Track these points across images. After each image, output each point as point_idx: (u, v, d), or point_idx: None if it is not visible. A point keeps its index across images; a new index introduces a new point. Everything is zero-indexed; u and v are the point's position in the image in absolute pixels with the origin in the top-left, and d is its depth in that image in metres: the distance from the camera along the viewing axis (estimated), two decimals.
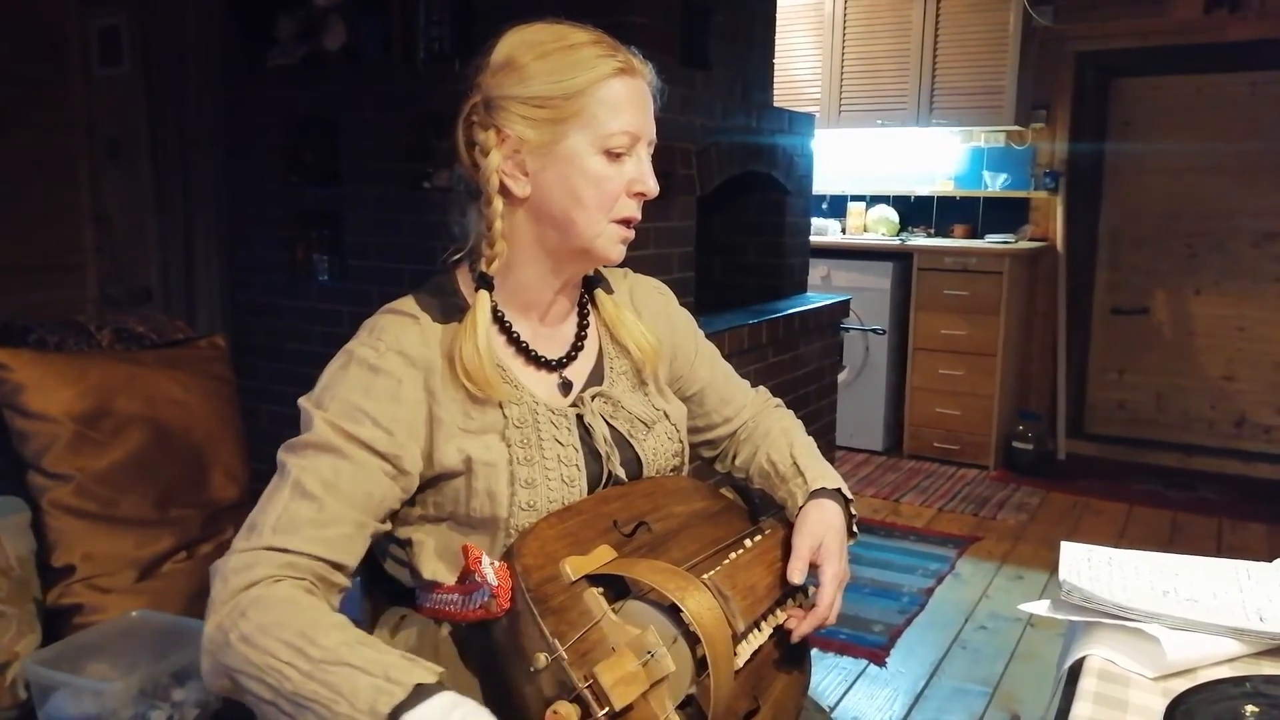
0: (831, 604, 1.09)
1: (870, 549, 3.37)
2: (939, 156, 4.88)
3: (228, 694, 0.87)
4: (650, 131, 1.06)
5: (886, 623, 2.82)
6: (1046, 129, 4.63)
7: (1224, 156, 4.37)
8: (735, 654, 0.98)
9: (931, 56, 4.51)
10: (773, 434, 1.28)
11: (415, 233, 2.70)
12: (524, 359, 1.09)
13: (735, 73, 3.06)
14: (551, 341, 1.13)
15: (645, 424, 1.15)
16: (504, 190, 1.04)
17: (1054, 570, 1.13)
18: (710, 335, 1.35)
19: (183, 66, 2.91)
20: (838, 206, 5.11)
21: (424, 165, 2.63)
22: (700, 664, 0.93)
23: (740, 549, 1.10)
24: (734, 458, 1.32)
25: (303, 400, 1.00)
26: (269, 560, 0.90)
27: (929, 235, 4.86)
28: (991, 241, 4.51)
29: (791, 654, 1.12)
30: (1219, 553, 3.41)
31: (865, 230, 4.95)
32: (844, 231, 4.99)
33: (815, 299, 3.46)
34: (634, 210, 1.06)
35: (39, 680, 1.75)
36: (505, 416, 1.04)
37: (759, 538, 1.14)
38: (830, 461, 1.30)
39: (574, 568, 0.94)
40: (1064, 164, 4.61)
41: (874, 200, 5.03)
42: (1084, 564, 1.12)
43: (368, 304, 1.11)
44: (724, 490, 1.27)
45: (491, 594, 0.91)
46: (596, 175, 1.02)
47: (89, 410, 2.00)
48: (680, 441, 1.20)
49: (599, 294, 1.19)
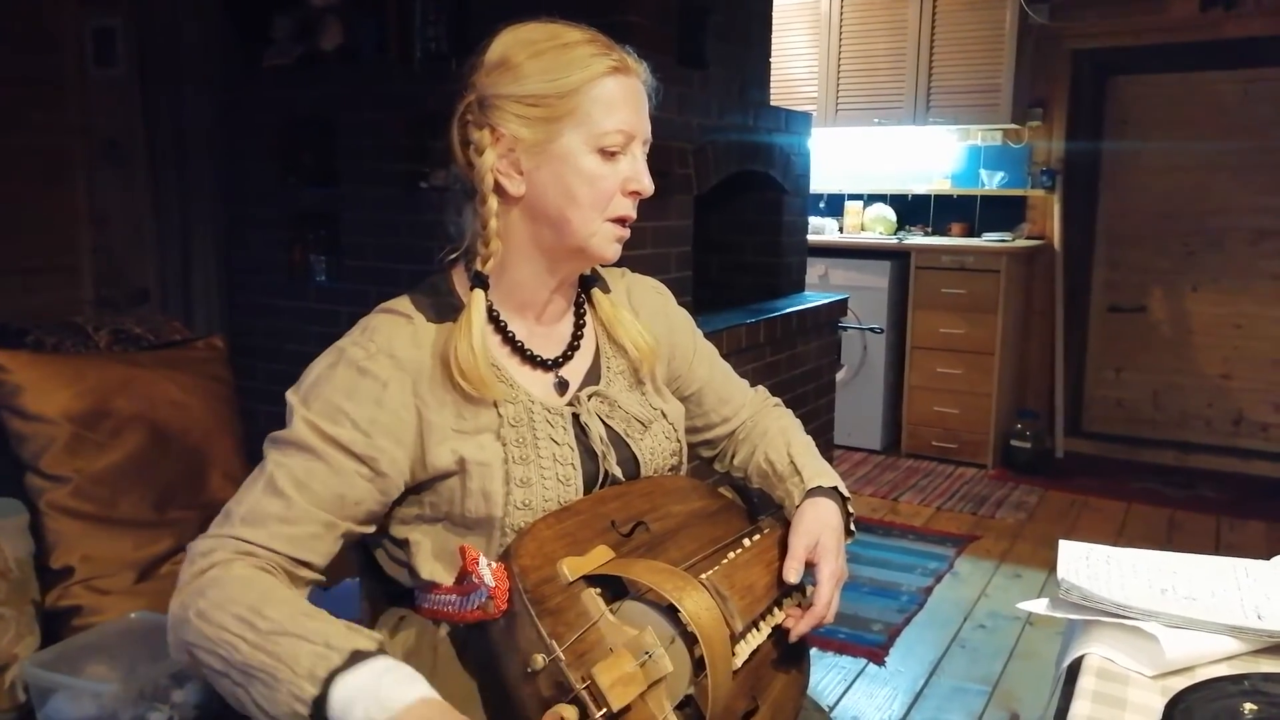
0: (829, 603, 1.09)
1: (869, 548, 3.37)
2: (936, 155, 4.89)
3: (189, 668, 0.91)
4: (645, 130, 1.06)
5: (885, 622, 2.82)
6: (1043, 127, 4.64)
7: (1221, 154, 4.38)
8: (733, 654, 0.98)
9: (928, 55, 4.52)
10: (771, 433, 1.28)
11: (413, 233, 2.69)
12: (519, 358, 1.09)
13: (732, 72, 3.06)
14: (547, 341, 1.12)
15: (642, 423, 1.15)
16: (499, 189, 1.04)
17: (1052, 569, 1.13)
18: (708, 334, 1.35)
19: (179, 67, 2.90)
20: (835, 205, 5.11)
21: (421, 165, 2.63)
22: (698, 664, 0.93)
23: (738, 549, 1.10)
24: (732, 457, 1.32)
25: (290, 393, 1.01)
26: (232, 548, 0.93)
27: (926, 234, 4.86)
28: (989, 240, 4.51)
29: (790, 653, 1.12)
30: (1217, 550, 3.42)
31: (863, 229, 4.95)
32: (841, 230, 4.99)
33: (813, 298, 3.46)
34: (629, 209, 1.06)
35: (38, 682, 1.74)
36: (500, 416, 1.04)
37: (757, 537, 1.14)
38: (828, 460, 1.30)
39: (571, 568, 0.94)
40: (1061, 162, 4.61)
41: (871, 199, 5.03)
42: (1082, 562, 1.12)
43: (365, 304, 1.11)
44: (722, 490, 1.27)
45: (489, 595, 0.90)
46: (591, 174, 1.02)
47: (87, 411, 1.99)
48: (678, 441, 1.20)
49: (596, 293, 1.18)
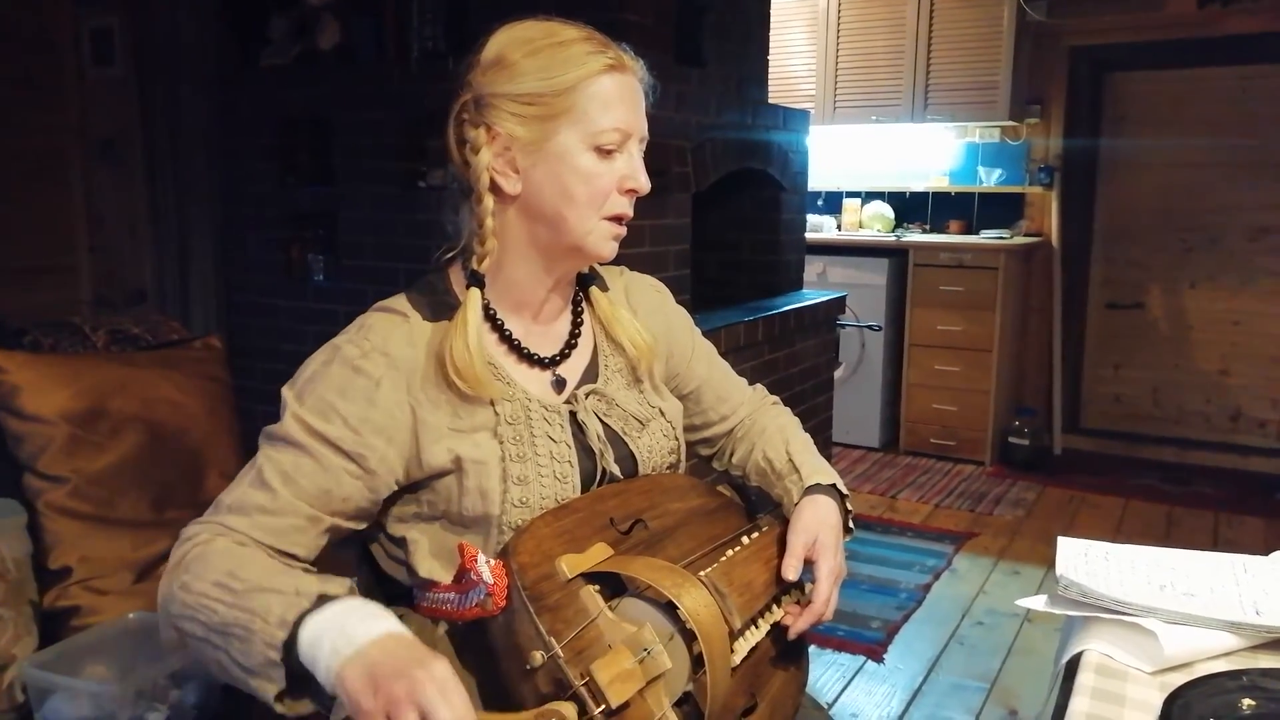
0: (828, 600, 1.09)
1: (867, 545, 3.38)
2: (934, 152, 4.89)
3: (176, 646, 0.93)
4: (641, 128, 1.06)
5: (884, 619, 2.82)
6: (1041, 124, 4.64)
7: (1218, 151, 4.38)
8: (732, 651, 0.98)
9: (926, 53, 4.52)
10: (769, 431, 1.28)
11: (410, 232, 2.69)
12: (516, 356, 1.09)
13: (730, 70, 3.06)
14: (544, 339, 1.12)
15: (640, 422, 1.15)
16: (495, 188, 1.04)
17: (1051, 565, 1.13)
18: (706, 333, 1.35)
19: (176, 67, 2.90)
20: (833, 203, 5.11)
21: (418, 164, 2.62)
22: (697, 661, 0.93)
23: (737, 546, 1.10)
24: (731, 455, 1.32)
25: (285, 388, 1.02)
26: (215, 531, 0.96)
27: (924, 231, 4.86)
28: (987, 237, 4.51)
29: (789, 651, 1.12)
30: (1215, 546, 3.42)
31: (861, 227, 4.95)
32: (839, 228, 4.99)
33: (811, 296, 3.46)
34: (625, 207, 1.06)
35: (36, 683, 1.74)
36: (497, 414, 1.04)
37: (756, 535, 1.14)
38: (827, 458, 1.30)
39: (570, 565, 0.94)
40: (1058, 159, 4.61)
41: (869, 196, 5.03)
42: (1081, 559, 1.12)
43: (363, 303, 1.11)
44: (721, 488, 1.27)
45: (487, 592, 0.90)
46: (587, 172, 1.02)
47: (84, 412, 1.99)
48: (676, 439, 1.20)
49: (594, 291, 1.18)
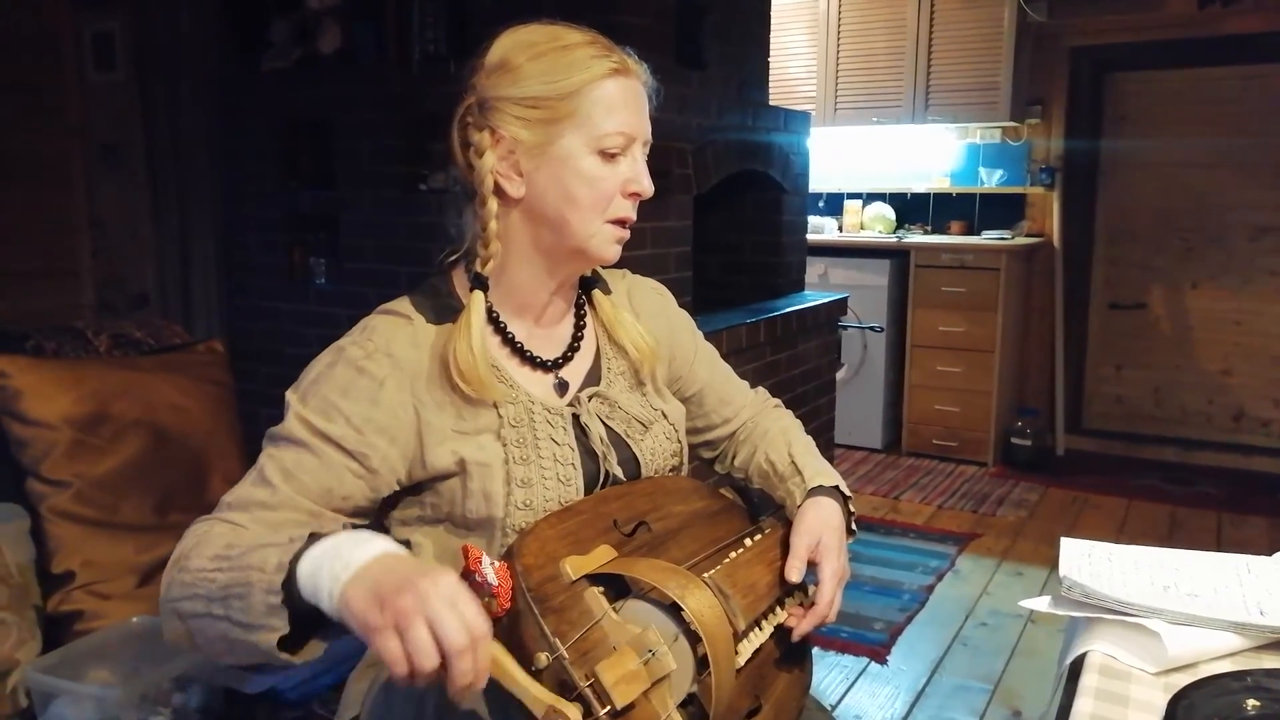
0: (831, 601, 1.09)
1: (870, 547, 3.37)
2: (935, 153, 4.89)
3: (182, 640, 0.91)
4: (645, 132, 1.06)
5: (887, 620, 2.82)
6: (1042, 125, 4.64)
7: (1219, 150, 4.38)
8: (736, 652, 0.98)
9: (926, 54, 4.52)
10: (771, 434, 1.28)
11: (412, 235, 2.69)
12: (519, 359, 1.09)
13: (731, 72, 3.06)
14: (547, 342, 1.12)
15: (643, 424, 1.15)
16: (499, 191, 1.04)
17: (1054, 566, 1.13)
18: (708, 335, 1.35)
19: (177, 71, 2.91)
20: (834, 204, 5.11)
21: (420, 167, 2.63)
22: (701, 663, 0.93)
23: (740, 548, 1.10)
24: (733, 458, 1.32)
25: (289, 392, 1.02)
26: (213, 524, 0.95)
27: (926, 232, 4.86)
28: (988, 238, 4.51)
29: (792, 653, 1.12)
30: (1218, 547, 3.42)
31: (862, 228, 4.95)
32: (841, 229, 4.99)
33: (813, 297, 3.46)
34: (629, 210, 1.06)
35: (40, 687, 1.75)
36: (500, 416, 1.04)
37: (759, 537, 1.14)
38: (829, 460, 1.30)
39: (574, 567, 0.94)
40: (1060, 159, 4.61)
41: (870, 198, 5.03)
42: (1084, 560, 1.12)
43: (365, 307, 1.11)
44: (723, 490, 1.27)
45: (492, 594, 0.90)
46: (591, 175, 1.02)
47: (87, 416, 1.99)
48: (679, 442, 1.20)
49: (596, 294, 1.19)
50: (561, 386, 1.12)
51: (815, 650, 1.86)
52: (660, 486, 1.13)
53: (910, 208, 4.97)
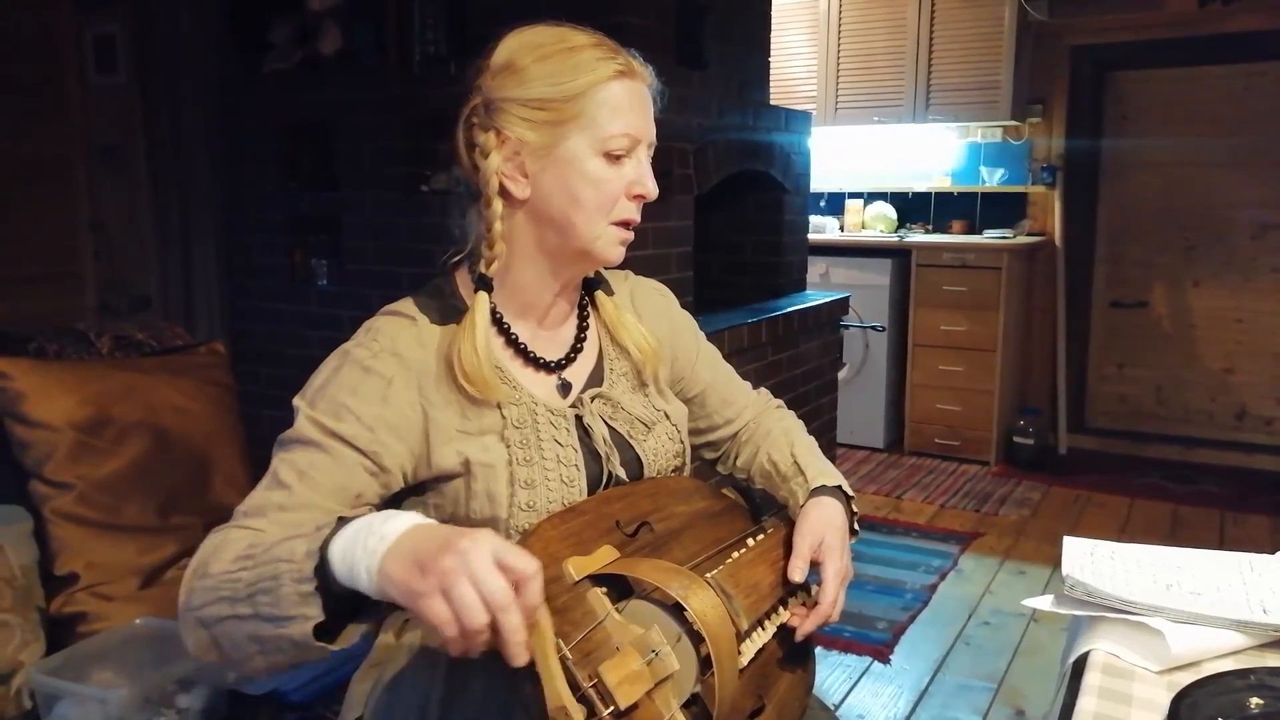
0: (834, 601, 1.09)
1: (872, 546, 3.37)
2: (936, 153, 4.89)
3: (206, 650, 0.88)
4: (650, 134, 1.06)
5: (890, 620, 2.82)
6: (1043, 124, 4.64)
7: (1221, 149, 4.38)
8: (739, 652, 0.98)
9: (927, 53, 4.52)
10: (773, 434, 1.28)
11: (413, 236, 2.70)
12: (522, 360, 1.09)
13: (731, 72, 3.07)
14: (551, 343, 1.13)
15: (645, 425, 1.15)
16: (503, 192, 1.04)
17: (1057, 565, 1.13)
18: (709, 334, 1.35)
19: (178, 73, 2.91)
20: (835, 204, 5.11)
21: (421, 169, 2.63)
22: (704, 663, 0.93)
23: (743, 548, 1.10)
24: (735, 459, 1.32)
25: (296, 399, 1.01)
26: (230, 530, 0.93)
27: (927, 231, 4.86)
28: (989, 237, 4.51)
29: (795, 652, 1.12)
30: (1221, 545, 3.41)
31: (863, 227, 4.95)
32: (842, 229, 4.99)
33: (814, 297, 3.46)
34: (633, 212, 1.06)
35: (44, 689, 1.75)
36: (504, 417, 1.04)
37: (761, 537, 1.14)
38: (831, 459, 1.30)
39: (577, 568, 0.94)
40: (1061, 158, 4.61)
41: (872, 197, 5.03)
42: (1087, 558, 1.12)
43: (367, 308, 1.11)
44: (725, 491, 1.27)
45: None
46: (596, 177, 1.02)
47: (90, 418, 2.00)
48: (681, 442, 1.20)
49: (599, 296, 1.19)
50: (564, 387, 1.12)
51: (818, 650, 1.86)
52: (663, 487, 1.13)
53: (911, 207, 4.97)
